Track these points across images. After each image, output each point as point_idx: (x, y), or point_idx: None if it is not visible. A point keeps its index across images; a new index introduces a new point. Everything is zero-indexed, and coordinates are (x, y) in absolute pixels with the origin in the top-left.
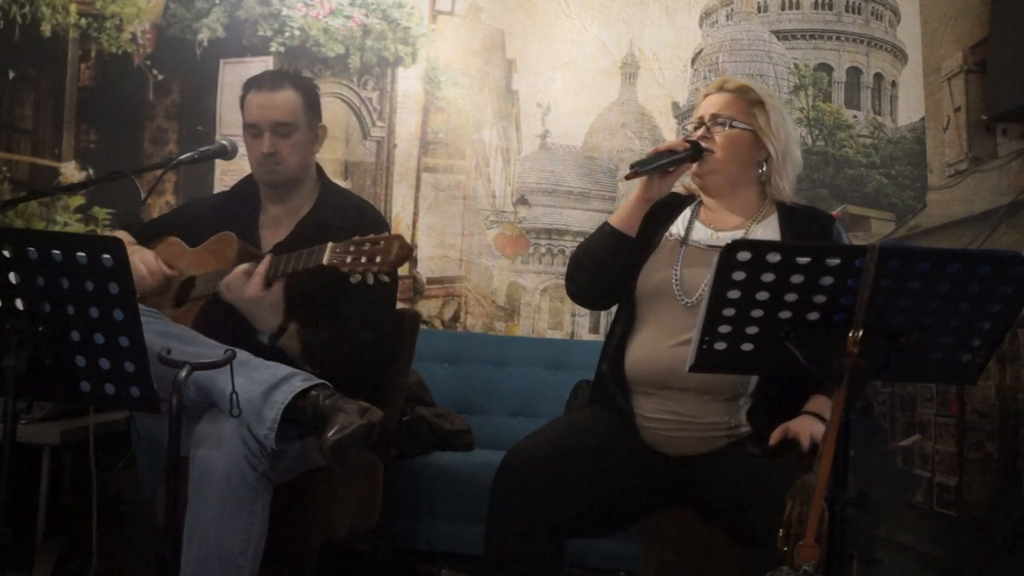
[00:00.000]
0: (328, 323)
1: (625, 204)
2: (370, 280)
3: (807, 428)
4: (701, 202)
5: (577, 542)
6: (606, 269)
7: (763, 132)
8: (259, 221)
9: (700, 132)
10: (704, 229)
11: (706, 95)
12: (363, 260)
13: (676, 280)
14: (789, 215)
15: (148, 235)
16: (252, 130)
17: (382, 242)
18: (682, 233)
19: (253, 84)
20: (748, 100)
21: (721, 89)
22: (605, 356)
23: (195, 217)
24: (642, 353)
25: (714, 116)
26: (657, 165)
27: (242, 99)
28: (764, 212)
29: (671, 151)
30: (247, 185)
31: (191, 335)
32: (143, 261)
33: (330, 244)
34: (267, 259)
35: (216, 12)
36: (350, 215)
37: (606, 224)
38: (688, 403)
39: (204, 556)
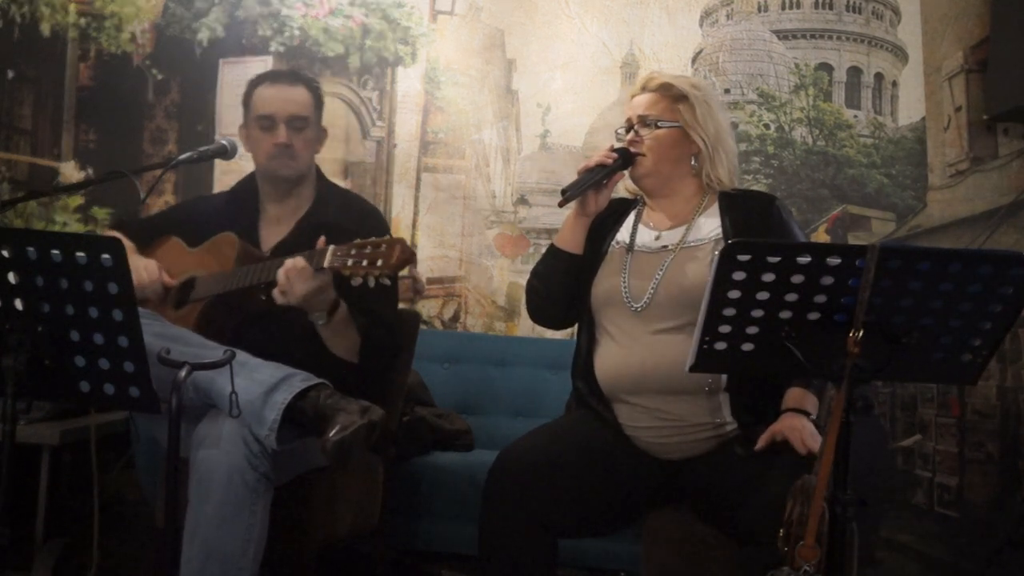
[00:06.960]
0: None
1: (566, 223)
2: (371, 283)
3: (796, 426)
4: (645, 203)
5: (576, 542)
6: (558, 289)
7: (690, 126)
8: (259, 221)
9: (630, 136)
10: (648, 232)
11: (632, 96)
12: (364, 263)
13: (624, 287)
14: (729, 202)
15: (146, 234)
16: (265, 122)
17: (384, 245)
18: (627, 240)
19: (266, 79)
20: (672, 96)
21: (644, 89)
22: (576, 372)
23: (194, 216)
24: (610, 364)
25: (641, 118)
26: (588, 185)
27: (248, 94)
28: (705, 204)
29: (600, 165)
30: (247, 185)
31: (189, 337)
32: (145, 269)
33: (331, 247)
34: (300, 258)
35: (216, 12)
36: (350, 214)
37: (552, 246)
38: (668, 406)
39: (205, 557)
